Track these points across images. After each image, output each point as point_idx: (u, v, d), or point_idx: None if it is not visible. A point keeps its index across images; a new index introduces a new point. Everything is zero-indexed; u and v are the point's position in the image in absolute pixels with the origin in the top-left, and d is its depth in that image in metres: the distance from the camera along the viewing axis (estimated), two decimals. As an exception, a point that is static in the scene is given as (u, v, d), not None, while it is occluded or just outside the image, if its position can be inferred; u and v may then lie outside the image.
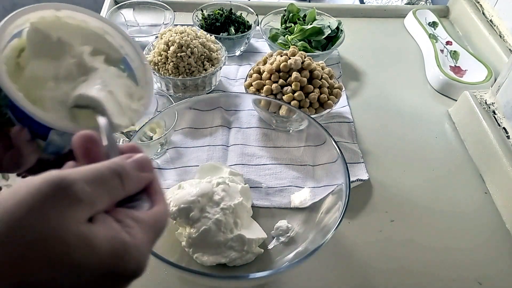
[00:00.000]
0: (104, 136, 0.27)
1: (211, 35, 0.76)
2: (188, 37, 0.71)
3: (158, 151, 0.62)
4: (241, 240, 0.49)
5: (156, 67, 0.71)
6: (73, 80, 0.31)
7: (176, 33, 0.72)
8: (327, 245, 0.44)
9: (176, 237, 0.51)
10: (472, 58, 0.84)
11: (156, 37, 0.76)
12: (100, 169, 0.24)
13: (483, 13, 0.91)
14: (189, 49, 0.70)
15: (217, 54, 0.74)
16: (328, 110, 0.67)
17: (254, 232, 0.52)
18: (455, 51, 0.86)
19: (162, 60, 0.70)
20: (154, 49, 0.73)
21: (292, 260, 0.49)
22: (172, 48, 0.70)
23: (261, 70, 0.69)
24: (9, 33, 0.29)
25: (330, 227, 0.46)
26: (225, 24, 0.83)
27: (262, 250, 0.51)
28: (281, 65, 0.66)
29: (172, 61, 0.69)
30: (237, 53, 0.85)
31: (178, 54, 0.69)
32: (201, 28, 0.83)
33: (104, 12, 0.90)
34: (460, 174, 0.66)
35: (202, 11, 0.86)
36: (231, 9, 0.86)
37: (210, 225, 0.48)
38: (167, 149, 0.63)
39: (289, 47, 0.76)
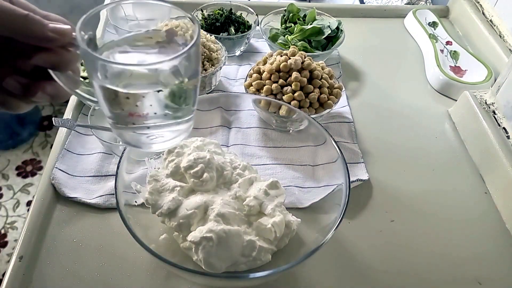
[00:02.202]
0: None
1: (211, 35, 0.76)
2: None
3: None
4: (252, 246, 0.48)
5: (156, 67, 0.71)
6: None
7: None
8: (327, 245, 0.44)
9: (182, 249, 0.50)
10: (472, 58, 0.84)
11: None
12: None
13: (483, 13, 0.91)
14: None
15: (217, 54, 0.74)
16: (328, 110, 0.67)
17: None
18: (455, 51, 0.86)
19: (162, 60, 0.70)
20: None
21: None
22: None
23: (261, 70, 0.69)
24: None
25: (330, 227, 0.46)
26: (225, 24, 0.83)
27: (270, 258, 0.49)
28: (281, 65, 0.66)
29: (172, 61, 0.69)
30: (237, 53, 0.85)
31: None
32: (201, 28, 0.83)
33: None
34: (460, 174, 0.66)
35: (202, 11, 0.86)
36: (231, 9, 0.86)
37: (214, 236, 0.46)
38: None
39: (289, 47, 0.76)
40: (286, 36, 0.83)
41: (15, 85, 0.33)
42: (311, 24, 0.83)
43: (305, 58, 0.67)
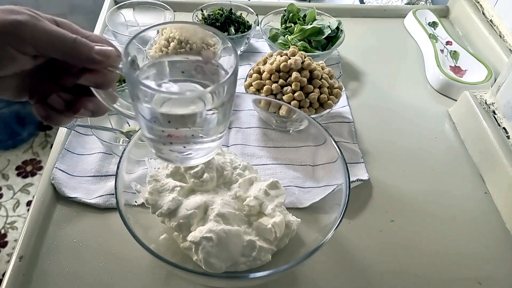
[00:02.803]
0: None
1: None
2: (187, 33, 0.71)
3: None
4: (252, 246, 0.48)
5: (156, 67, 0.71)
6: None
7: (176, 28, 0.72)
8: (327, 245, 0.44)
9: (182, 249, 0.50)
10: (472, 58, 0.84)
11: (158, 32, 0.76)
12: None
13: (483, 13, 0.91)
14: (188, 45, 0.70)
15: (214, 48, 0.74)
16: (328, 110, 0.67)
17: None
18: (455, 51, 0.86)
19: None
20: (155, 44, 0.73)
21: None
22: (172, 44, 0.70)
23: (261, 70, 0.69)
24: None
25: (330, 227, 0.46)
26: (225, 24, 0.83)
27: (270, 258, 0.50)
28: (281, 65, 0.66)
29: (172, 61, 0.69)
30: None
31: (178, 51, 0.69)
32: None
33: (104, 12, 0.90)
34: (460, 174, 0.66)
35: (202, 11, 0.86)
36: (231, 9, 0.86)
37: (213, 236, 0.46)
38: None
39: (289, 47, 0.76)
40: (286, 36, 0.83)
41: (60, 101, 0.35)
42: (311, 24, 0.83)
43: (305, 58, 0.67)
